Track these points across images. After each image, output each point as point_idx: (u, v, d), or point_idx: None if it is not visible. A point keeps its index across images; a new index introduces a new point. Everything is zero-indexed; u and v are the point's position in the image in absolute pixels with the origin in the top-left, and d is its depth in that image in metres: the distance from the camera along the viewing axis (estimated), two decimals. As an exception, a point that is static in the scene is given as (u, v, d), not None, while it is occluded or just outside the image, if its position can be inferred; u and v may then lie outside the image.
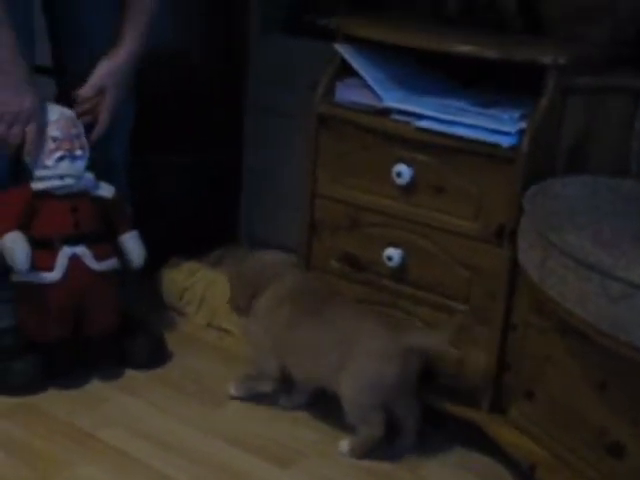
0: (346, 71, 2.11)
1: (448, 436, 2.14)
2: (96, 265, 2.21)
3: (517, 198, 1.89)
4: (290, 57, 2.69)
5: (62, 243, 2.17)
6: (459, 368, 2.06)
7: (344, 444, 2.06)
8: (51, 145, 2.16)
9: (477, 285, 2.01)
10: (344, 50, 2.10)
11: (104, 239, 2.25)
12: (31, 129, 2.13)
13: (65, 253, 2.17)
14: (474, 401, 2.05)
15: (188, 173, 2.85)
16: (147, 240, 2.33)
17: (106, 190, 2.26)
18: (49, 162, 2.16)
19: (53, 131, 2.17)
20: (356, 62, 2.07)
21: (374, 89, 2.04)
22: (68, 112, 2.22)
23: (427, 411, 2.10)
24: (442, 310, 2.06)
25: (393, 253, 2.09)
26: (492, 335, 2.00)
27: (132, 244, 2.30)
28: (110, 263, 2.25)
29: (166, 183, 2.80)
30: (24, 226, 2.15)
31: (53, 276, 2.16)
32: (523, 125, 1.90)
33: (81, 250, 2.18)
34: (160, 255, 2.47)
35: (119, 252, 2.30)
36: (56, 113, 2.20)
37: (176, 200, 2.81)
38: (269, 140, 2.82)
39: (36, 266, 2.14)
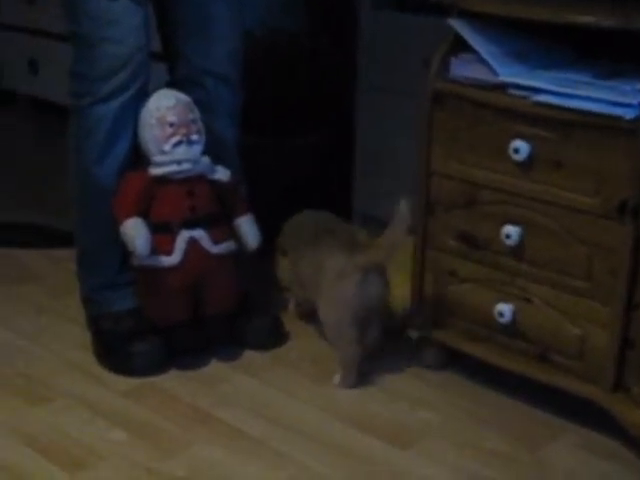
0: (460, 46, 2.07)
1: (568, 415, 2.10)
2: (214, 248, 2.23)
3: (640, 172, 1.84)
4: (402, 34, 2.66)
5: (180, 227, 2.19)
6: (580, 346, 2.02)
7: (336, 377, 2.20)
8: (168, 130, 2.18)
9: (598, 263, 1.96)
10: (458, 25, 2.06)
11: (221, 222, 2.27)
12: None
13: (183, 237, 2.19)
14: (596, 380, 2.01)
15: (300, 154, 2.86)
16: (261, 222, 2.34)
17: (222, 174, 2.27)
18: (166, 147, 2.18)
19: (170, 117, 2.19)
20: (471, 37, 2.03)
21: (489, 64, 2.01)
22: (184, 97, 2.24)
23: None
24: (562, 289, 2.02)
25: (511, 231, 2.05)
26: (614, 313, 1.95)
27: (247, 227, 2.32)
28: (227, 246, 2.27)
29: (279, 164, 2.81)
30: (143, 212, 2.18)
31: (172, 260, 2.19)
32: (646, 96, 1.84)
33: (199, 233, 2.20)
34: (274, 236, 2.48)
35: (235, 234, 2.32)
36: (172, 99, 2.21)
37: (289, 181, 2.82)
38: (382, 118, 2.80)
39: (155, 250, 2.17)
